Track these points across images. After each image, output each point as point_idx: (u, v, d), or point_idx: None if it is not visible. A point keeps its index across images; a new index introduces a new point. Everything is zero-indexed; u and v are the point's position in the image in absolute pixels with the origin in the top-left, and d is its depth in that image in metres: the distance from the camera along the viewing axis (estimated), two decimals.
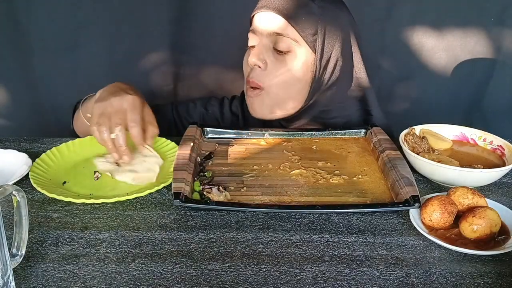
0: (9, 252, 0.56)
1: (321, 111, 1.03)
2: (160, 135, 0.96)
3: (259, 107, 1.01)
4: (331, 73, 0.99)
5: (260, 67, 0.97)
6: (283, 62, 0.97)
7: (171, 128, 1.15)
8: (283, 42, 0.96)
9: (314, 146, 0.95)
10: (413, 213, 0.72)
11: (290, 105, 1.01)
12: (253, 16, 1.00)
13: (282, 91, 0.99)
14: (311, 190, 0.80)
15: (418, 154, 0.85)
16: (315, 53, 0.97)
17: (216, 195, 0.77)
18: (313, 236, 0.69)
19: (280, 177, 0.84)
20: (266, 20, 0.97)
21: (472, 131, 0.94)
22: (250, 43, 1.01)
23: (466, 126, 0.95)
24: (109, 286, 0.60)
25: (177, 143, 0.90)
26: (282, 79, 0.98)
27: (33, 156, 0.87)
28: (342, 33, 0.99)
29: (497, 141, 0.90)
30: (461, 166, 0.82)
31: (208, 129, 0.98)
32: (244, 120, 1.14)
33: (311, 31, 0.95)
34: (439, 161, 0.82)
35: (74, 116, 1.08)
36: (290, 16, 0.95)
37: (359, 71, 1.03)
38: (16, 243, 0.61)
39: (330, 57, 0.98)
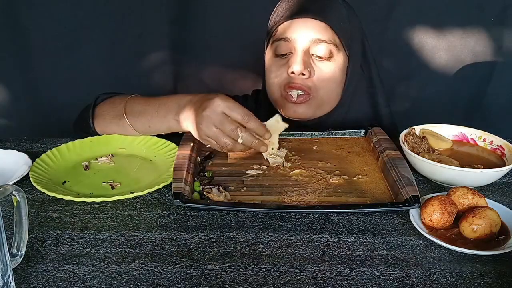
0: (9, 252, 0.56)
1: (341, 116, 1.03)
2: (167, 135, 0.96)
3: (303, 111, 0.99)
4: (353, 76, 1.00)
5: (304, 75, 0.95)
6: (325, 68, 0.96)
7: None
8: (325, 48, 0.95)
9: (315, 146, 0.95)
10: (413, 213, 0.72)
11: (328, 107, 1.01)
12: (282, 23, 0.97)
13: (326, 95, 0.99)
14: (311, 190, 0.80)
15: (418, 154, 0.85)
16: (348, 56, 0.98)
17: (216, 195, 0.77)
18: (313, 236, 0.69)
19: (280, 177, 0.84)
20: (306, 26, 0.95)
21: (472, 131, 0.94)
22: (281, 51, 0.98)
23: (466, 126, 0.95)
24: (109, 286, 0.60)
25: (177, 143, 0.90)
26: (326, 85, 0.97)
27: (33, 156, 0.87)
28: (360, 34, 1.01)
29: (497, 141, 0.90)
30: (461, 166, 0.82)
31: None
32: None
33: (347, 34, 0.96)
34: (439, 161, 0.82)
35: (99, 115, 0.96)
36: (330, 21, 0.94)
37: (374, 71, 1.05)
38: (16, 243, 0.61)
39: (357, 59, 0.99)
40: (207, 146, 0.86)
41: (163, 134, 0.93)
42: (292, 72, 0.95)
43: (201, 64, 1.57)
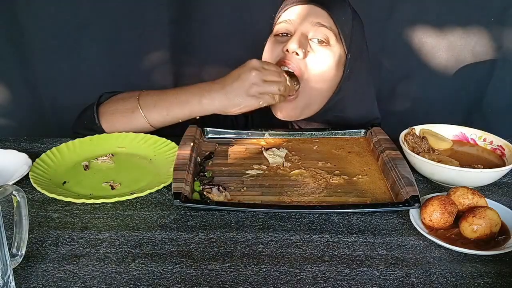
0: (9, 252, 0.56)
1: (334, 116, 1.03)
2: (166, 135, 0.96)
3: (291, 109, 0.99)
4: (351, 74, 1.00)
5: (298, 55, 0.95)
6: (321, 53, 0.96)
7: None
8: (324, 33, 0.96)
9: (315, 146, 0.95)
10: (413, 213, 0.72)
11: (316, 106, 1.01)
12: (286, 10, 0.99)
13: (317, 86, 0.98)
14: (311, 190, 0.80)
15: (418, 154, 0.85)
16: (346, 52, 0.98)
17: (216, 195, 0.77)
18: (313, 236, 0.69)
19: (280, 177, 0.84)
20: (308, 11, 0.97)
21: (472, 131, 0.94)
22: (280, 31, 1.00)
23: (466, 126, 0.95)
24: (109, 286, 0.60)
25: (177, 143, 0.90)
26: (319, 72, 0.97)
27: (33, 156, 0.87)
28: (363, 32, 1.02)
29: (497, 141, 0.90)
30: (461, 166, 0.82)
31: (208, 129, 0.98)
32: (252, 121, 1.14)
33: (347, 30, 0.97)
34: (439, 161, 0.82)
35: (106, 112, 0.97)
36: (332, 11, 0.96)
37: (369, 83, 1.05)
38: (16, 243, 0.61)
39: (357, 57, 0.99)
40: (259, 103, 0.90)
41: (162, 130, 0.94)
42: (287, 50, 0.96)
43: (201, 64, 1.56)
